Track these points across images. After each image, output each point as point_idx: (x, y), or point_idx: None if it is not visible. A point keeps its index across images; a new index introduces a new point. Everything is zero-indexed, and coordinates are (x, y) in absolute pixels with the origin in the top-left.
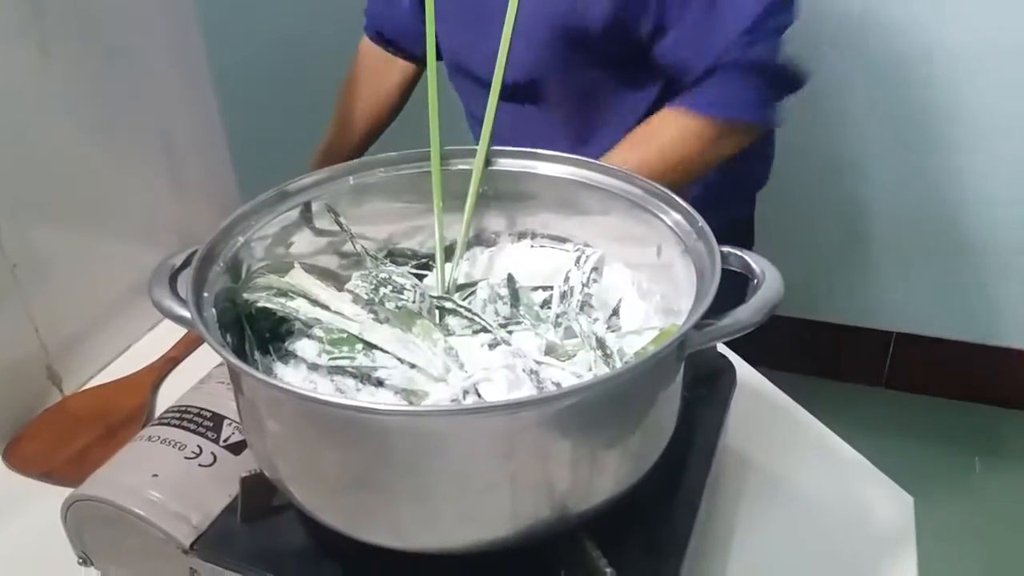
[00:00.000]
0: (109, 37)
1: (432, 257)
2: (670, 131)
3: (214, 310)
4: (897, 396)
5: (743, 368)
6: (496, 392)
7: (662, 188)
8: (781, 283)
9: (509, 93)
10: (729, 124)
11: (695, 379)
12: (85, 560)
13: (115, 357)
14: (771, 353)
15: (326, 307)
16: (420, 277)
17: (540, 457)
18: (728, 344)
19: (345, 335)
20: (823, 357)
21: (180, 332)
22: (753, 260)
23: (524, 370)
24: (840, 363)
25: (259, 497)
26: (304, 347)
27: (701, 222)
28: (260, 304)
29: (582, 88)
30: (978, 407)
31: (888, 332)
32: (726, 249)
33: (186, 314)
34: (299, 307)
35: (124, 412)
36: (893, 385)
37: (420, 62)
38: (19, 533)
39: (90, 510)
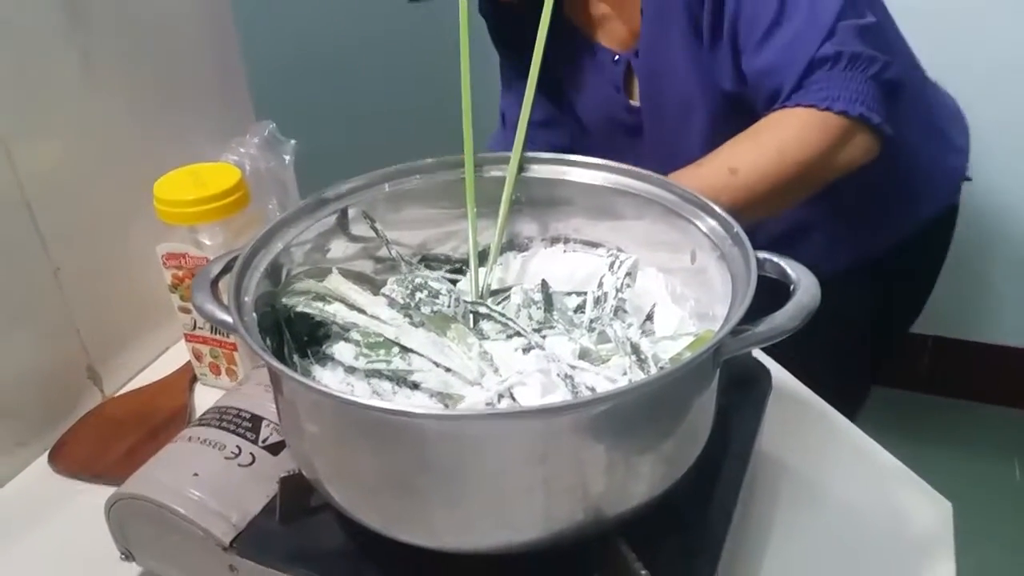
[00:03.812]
0: (150, 45)
1: (465, 262)
2: (788, 127)
3: (254, 314)
4: (936, 401)
5: (779, 372)
6: (531, 396)
7: (697, 195)
8: (817, 288)
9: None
10: (851, 122)
11: (730, 383)
12: (128, 556)
13: (154, 359)
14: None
15: (363, 311)
16: (453, 282)
17: (575, 461)
18: (764, 348)
19: (381, 339)
20: None
21: None
22: (789, 266)
23: (558, 374)
24: (878, 367)
25: (297, 497)
26: (341, 350)
27: (736, 228)
28: (299, 308)
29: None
30: (1018, 412)
31: (926, 336)
32: (762, 255)
33: (228, 318)
34: (336, 311)
35: (166, 413)
36: (932, 390)
37: None
38: (64, 529)
39: (132, 508)
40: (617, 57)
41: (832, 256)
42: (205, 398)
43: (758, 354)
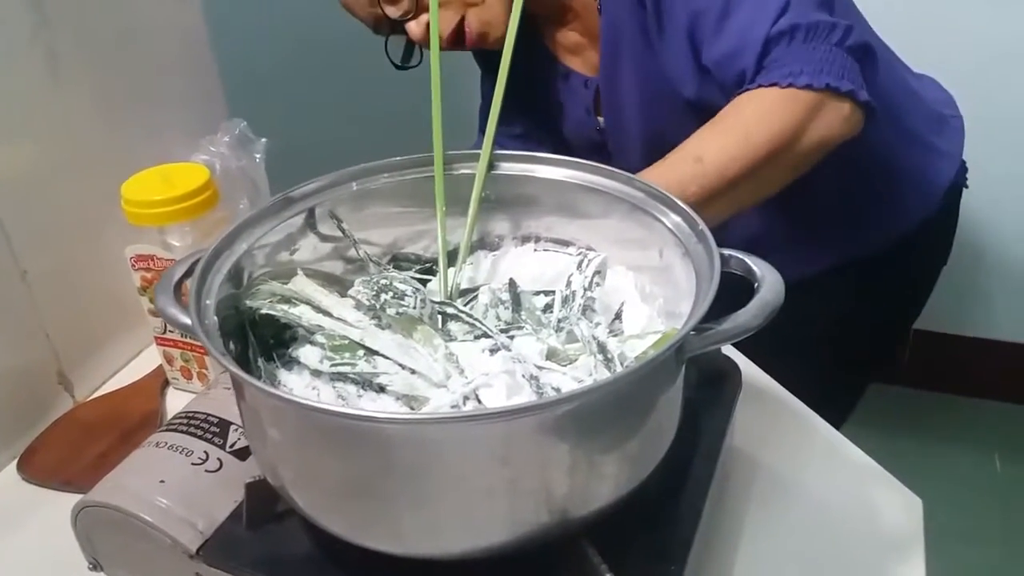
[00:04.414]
0: (119, 44)
1: (436, 262)
2: (752, 108)
3: (216, 317)
4: (916, 394)
5: (749, 368)
6: (496, 398)
7: (662, 191)
8: (781, 286)
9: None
10: (819, 94)
11: (700, 380)
12: (95, 565)
13: (126, 363)
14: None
15: (328, 313)
16: (424, 282)
17: (539, 463)
18: (740, 349)
19: (347, 341)
20: None
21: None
22: (753, 263)
23: (524, 375)
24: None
25: (264, 503)
26: (307, 353)
27: (701, 225)
28: (263, 311)
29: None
30: (998, 404)
31: None
32: (727, 252)
33: (188, 321)
34: (302, 313)
35: (137, 417)
36: (912, 383)
37: None
38: (32, 539)
39: (99, 516)
40: (588, 81)
41: (803, 261)
42: (177, 402)
43: (729, 350)
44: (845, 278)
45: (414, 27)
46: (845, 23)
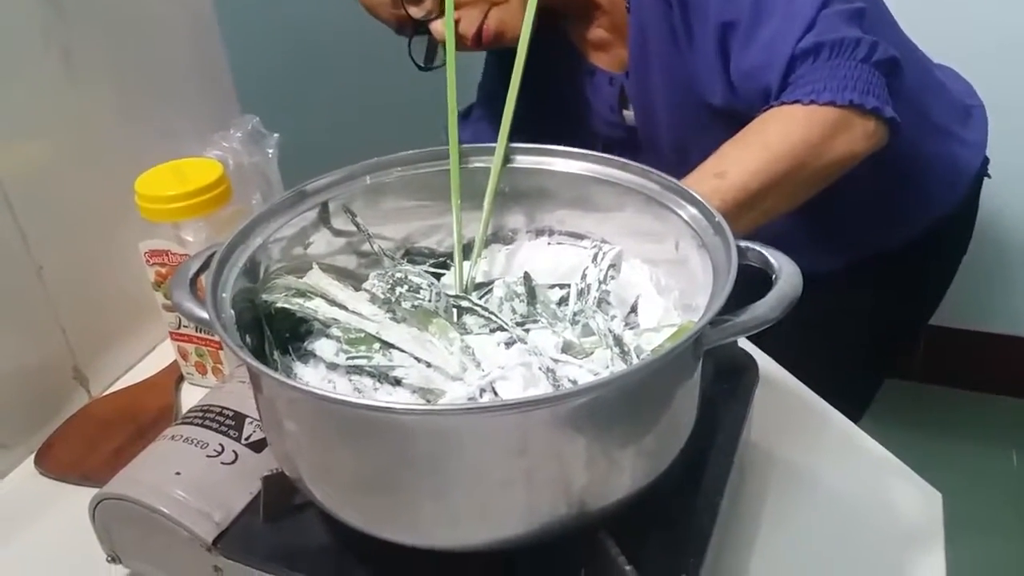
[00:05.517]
0: (132, 40)
1: (450, 256)
2: (775, 125)
3: (232, 311)
4: (932, 390)
5: (766, 362)
6: (512, 390)
7: (677, 183)
8: (799, 277)
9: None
10: (842, 111)
11: (717, 374)
12: (114, 558)
13: (141, 358)
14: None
15: (344, 307)
16: (438, 276)
17: (556, 455)
18: (752, 337)
19: (362, 334)
20: None
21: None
22: (771, 255)
23: (540, 368)
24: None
25: (281, 495)
26: (323, 347)
27: (718, 217)
28: (279, 304)
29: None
30: (1015, 400)
31: None
32: (744, 244)
33: (205, 315)
34: (317, 307)
35: (152, 412)
36: (927, 379)
37: None
38: (50, 532)
39: (116, 508)
40: (613, 78)
41: (826, 256)
42: (192, 397)
43: (746, 344)
44: (865, 272)
45: (438, 27)
46: (871, 38)
